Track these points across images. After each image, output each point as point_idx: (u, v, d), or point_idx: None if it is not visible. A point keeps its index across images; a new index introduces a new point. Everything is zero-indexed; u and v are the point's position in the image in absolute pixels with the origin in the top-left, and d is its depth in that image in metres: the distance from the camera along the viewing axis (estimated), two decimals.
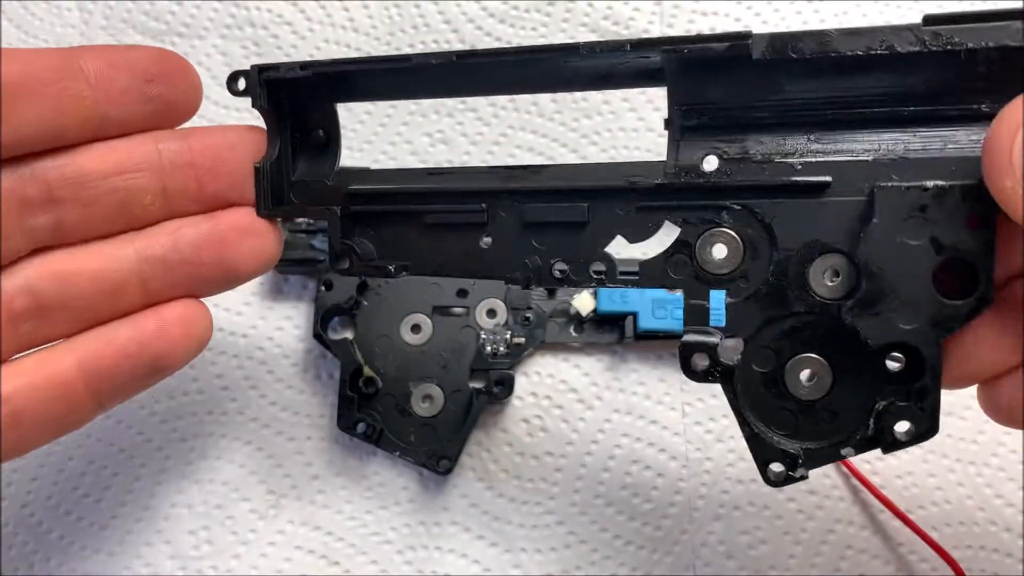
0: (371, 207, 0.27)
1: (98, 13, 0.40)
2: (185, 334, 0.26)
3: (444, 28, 0.39)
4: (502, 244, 0.26)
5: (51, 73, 0.24)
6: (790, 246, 0.23)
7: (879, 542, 0.32)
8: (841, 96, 0.22)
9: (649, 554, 0.32)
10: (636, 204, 0.24)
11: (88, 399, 0.25)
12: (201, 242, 0.26)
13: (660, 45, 0.23)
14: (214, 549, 0.32)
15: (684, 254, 0.24)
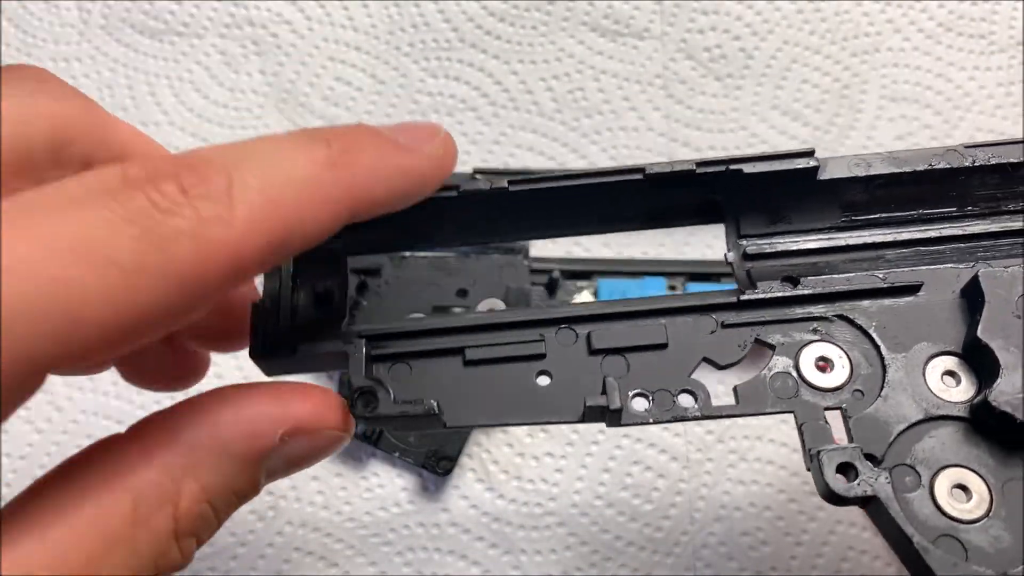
0: (395, 348, 0.22)
1: (97, 12, 0.39)
2: None
3: (444, 27, 0.39)
4: (564, 377, 0.21)
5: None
6: (897, 351, 0.21)
7: (880, 543, 0.32)
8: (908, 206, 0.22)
9: (650, 555, 0.32)
10: (721, 320, 0.21)
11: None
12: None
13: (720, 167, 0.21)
14: (213, 550, 0.32)
15: (786, 373, 0.21)
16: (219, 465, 0.18)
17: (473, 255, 0.35)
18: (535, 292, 0.34)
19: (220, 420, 0.19)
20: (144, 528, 0.17)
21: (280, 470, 0.20)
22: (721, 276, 0.34)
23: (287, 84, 0.38)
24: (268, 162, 0.16)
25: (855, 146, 0.37)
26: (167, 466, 0.18)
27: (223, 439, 0.18)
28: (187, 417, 0.19)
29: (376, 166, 0.18)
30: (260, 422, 0.19)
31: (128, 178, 0.15)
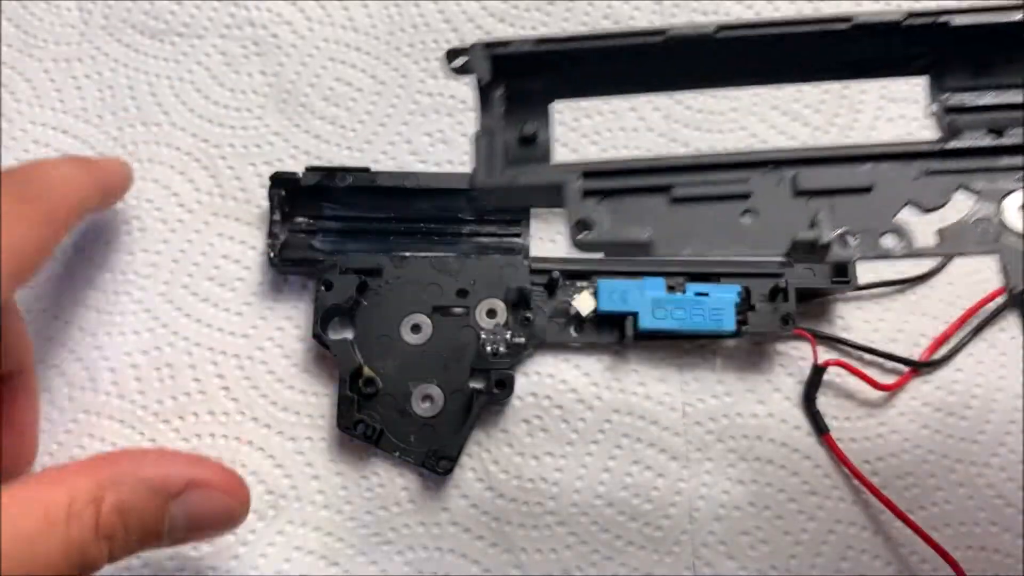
0: (606, 184, 0.23)
1: (98, 13, 0.40)
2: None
3: (444, 27, 0.39)
4: (769, 216, 0.22)
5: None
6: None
7: (880, 542, 0.32)
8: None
9: (649, 554, 0.32)
10: (926, 168, 0.22)
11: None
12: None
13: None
14: (214, 549, 0.32)
15: (990, 218, 0.21)
16: (135, 489, 0.24)
17: (473, 255, 0.35)
18: (535, 292, 0.34)
19: (144, 460, 0.25)
20: (75, 520, 0.23)
21: (180, 522, 0.25)
22: (721, 276, 0.34)
23: (288, 84, 0.38)
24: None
25: None
26: (97, 479, 0.24)
27: (143, 473, 0.25)
28: (119, 454, 0.26)
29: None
30: (174, 469, 0.25)
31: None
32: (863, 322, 0.35)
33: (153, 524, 0.25)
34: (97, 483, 0.23)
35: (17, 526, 0.22)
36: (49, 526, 0.22)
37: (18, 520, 0.22)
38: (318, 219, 0.35)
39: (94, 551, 0.23)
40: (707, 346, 0.35)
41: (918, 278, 0.35)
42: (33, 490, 0.23)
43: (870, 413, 0.34)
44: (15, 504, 0.22)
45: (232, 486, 0.27)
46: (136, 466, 0.25)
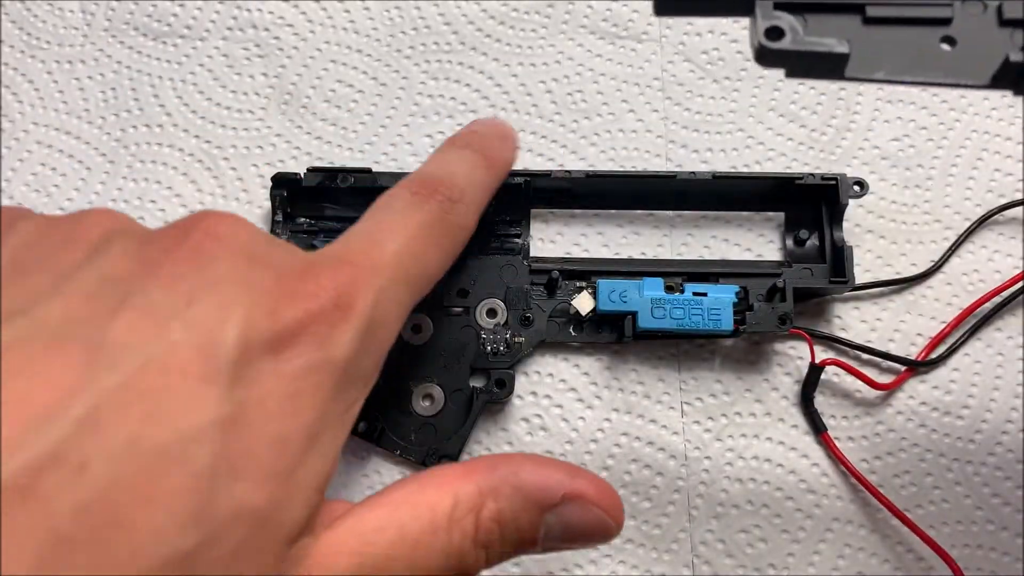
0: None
1: (100, 14, 0.40)
2: None
3: (444, 30, 0.40)
4: (968, 43, 0.21)
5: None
6: None
7: (877, 540, 0.33)
8: None
9: (648, 552, 0.32)
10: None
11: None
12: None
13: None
14: None
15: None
16: (513, 498, 0.24)
17: (473, 255, 0.35)
18: (535, 292, 0.34)
19: (523, 469, 0.24)
20: (457, 525, 0.22)
21: (555, 532, 0.25)
22: (719, 276, 0.34)
23: (289, 86, 0.39)
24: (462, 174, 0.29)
25: (851, 147, 0.38)
26: (479, 485, 0.23)
27: (521, 481, 0.24)
28: (499, 460, 0.25)
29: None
30: (551, 479, 0.24)
31: (418, 195, 0.27)
32: (860, 322, 0.35)
33: (529, 534, 0.24)
34: (479, 490, 0.23)
35: (405, 528, 0.22)
36: (433, 531, 0.22)
37: (406, 522, 0.22)
38: (320, 220, 0.35)
39: (471, 559, 0.23)
40: (705, 346, 0.35)
41: (915, 278, 0.36)
42: (421, 493, 0.23)
43: (868, 412, 0.34)
44: (406, 506, 0.22)
45: (607, 501, 0.26)
46: (515, 474, 0.24)
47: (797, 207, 0.36)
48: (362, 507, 0.23)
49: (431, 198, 0.27)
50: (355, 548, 0.21)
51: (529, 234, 0.36)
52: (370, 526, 0.22)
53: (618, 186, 0.36)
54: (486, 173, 0.30)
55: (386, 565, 0.21)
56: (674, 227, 0.37)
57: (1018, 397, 0.34)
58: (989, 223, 0.36)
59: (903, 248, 0.36)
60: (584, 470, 0.26)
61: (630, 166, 0.37)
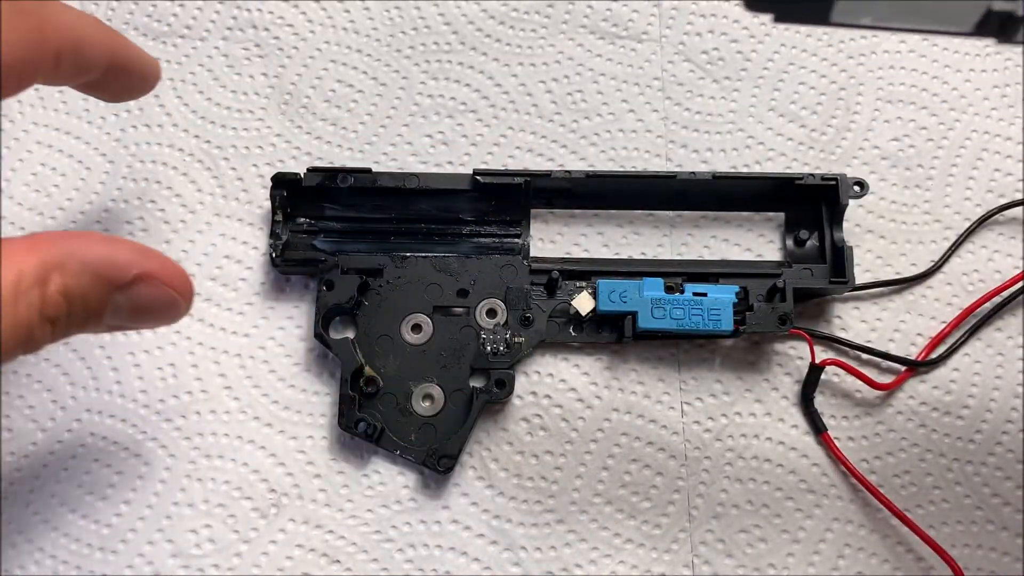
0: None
1: (100, 14, 0.40)
2: None
3: (444, 30, 0.40)
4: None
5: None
6: None
7: (877, 541, 0.33)
8: None
9: (648, 552, 0.32)
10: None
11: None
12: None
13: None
14: (216, 547, 0.32)
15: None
16: (80, 273, 0.23)
17: (473, 255, 0.35)
18: (535, 292, 0.34)
19: (93, 245, 0.24)
20: (23, 298, 0.22)
21: (123, 310, 0.25)
22: (719, 276, 0.34)
23: (289, 86, 0.39)
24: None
25: (851, 147, 0.38)
26: (43, 259, 0.23)
27: (91, 257, 0.24)
28: (70, 236, 0.25)
29: None
30: (122, 257, 0.25)
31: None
32: (860, 322, 0.35)
33: (96, 311, 0.24)
34: (44, 263, 0.23)
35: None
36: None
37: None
38: (320, 219, 0.35)
39: (38, 332, 0.23)
40: (705, 346, 0.35)
41: (915, 278, 0.36)
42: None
43: (867, 412, 0.34)
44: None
45: (178, 280, 0.26)
46: (84, 249, 0.24)
47: (797, 207, 0.36)
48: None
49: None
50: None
51: (529, 234, 0.36)
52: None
53: (618, 186, 0.36)
54: (94, 20, 0.28)
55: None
56: (674, 227, 0.37)
57: (1018, 397, 0.34)
58: (989, 223, 0.36)
59: (903, 248, 0.36)
60: (154, 251, 0.26)
61: (630, 166, 0.37)
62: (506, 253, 0.35)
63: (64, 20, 0.26)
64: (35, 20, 0.25)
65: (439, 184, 0.35)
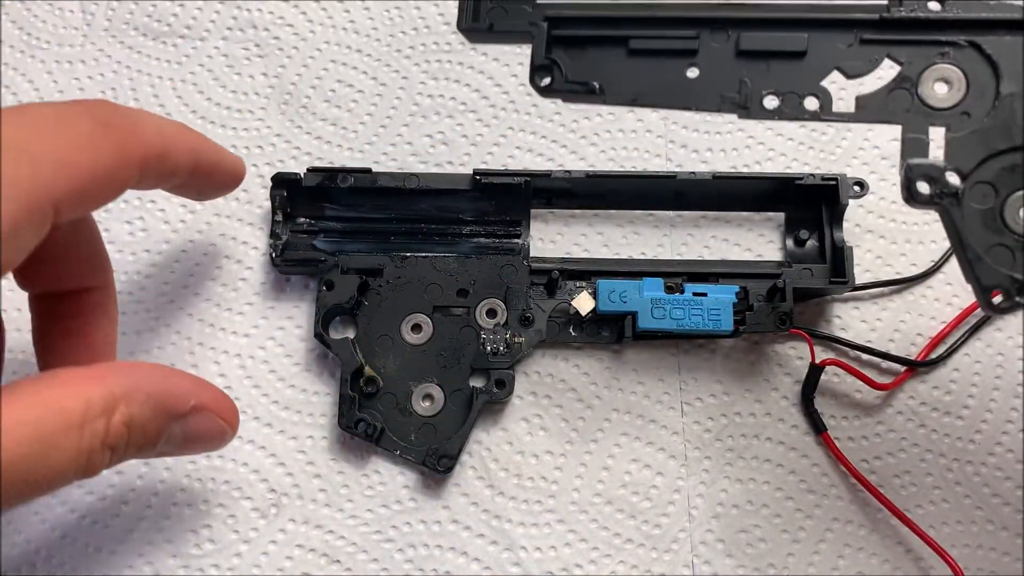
0: (572, 31, 0.26)
1: (100, 14, 0.40)
2: None
3: (444, 30, 0.40)
4: (711, 73, 0.25)
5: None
6: (1015, 86, 0.23)
7: (877, 541, 0.33)
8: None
9: (648, 552, 0.32)
10: (860, 36, 0.25)
11: None
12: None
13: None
14: (216, 547, 0.32)
15: (905, 89, 0.24)
16: (143, 404, 0.25)
17: (473, 255, 0.35)
18: (535, 292, 0.34)
19: (154, 377, 0.26)
20: (89, 427, 0.23)
21: (176, 440, 0.27)
22: (719, 277, 0.34)
23: (289, 86, 0.39)
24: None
25: (851, 147, 0.38)
26: (111, 389, 0.24)
27: (153, 390, 0.25)
28: (135, 368, 0.26)
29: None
30: (180, 390, 0.26)
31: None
32: (860, 322, 0.35)
33: (153, 440, 0.26)
34: (111, 394, 0.24)
35: (40, 427, 0.22)
36: (66, 431, 0.23)
37: (41, 421, 0.23)
38: (319, 219, 0.35)
39: (98, 459, 0.24)
40: (705, 346, 0.35)
41: (915, 278, 0.36)
42: (52, 392, 0.23)
43: (867, 412, 0.34)
44: (38, 405, 0.23)
45: (228, 411, 0.28)
46: (147, 381, 0.25)
47: (797, 207, 0.36)
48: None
49: (87, 102, 0.26)
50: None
51: (529, 234, 0.36)
52: (8, 421, 0.22)
53: (618, 186, 0.36)
54: (180, 127, 0.29)
55: (21, 463, 0.22)
56: (674, 227, 0.37)
57: (1018, 397, 0.34)
58: None
59: (903, 248, 0.36)
60: (208, 383, 0.28)
61: (630, 166, 0.37)
62: (506, 253, 0.35)
63: (149, 130, 0.27)
64: (120, 135, 0.26)
65: (439, 184, 0.35)
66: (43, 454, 0.22)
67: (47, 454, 0.22)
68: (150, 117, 0.28)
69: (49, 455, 0.23)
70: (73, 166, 0.24)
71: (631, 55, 0.26)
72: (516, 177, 0.35)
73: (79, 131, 0.25)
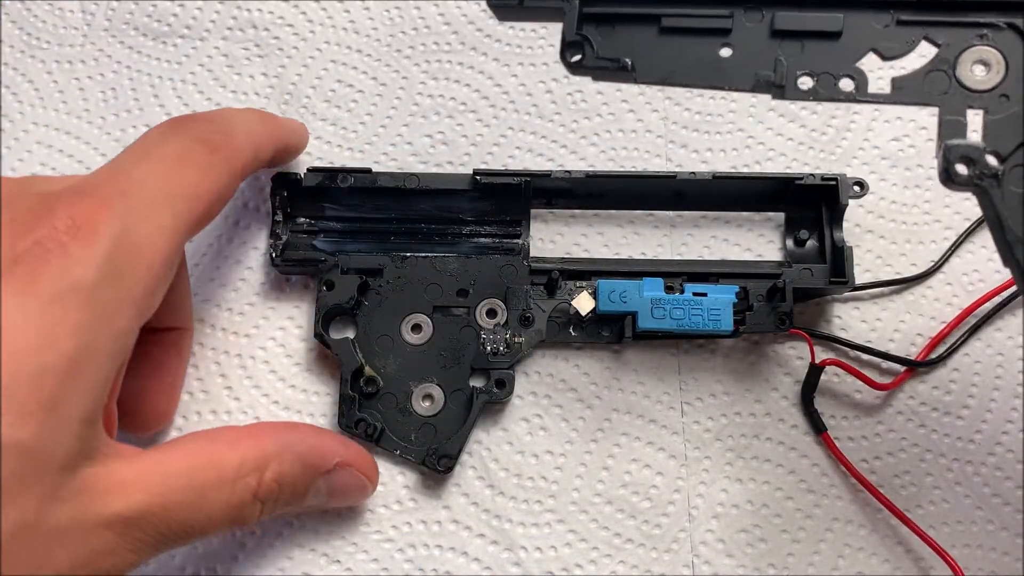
0: (603, 8, 0.26)
1: (100, 14, 0.40)
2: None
3: (444, 30, 0.40)
4: (744, 53, 0.25)
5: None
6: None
7: (877, 541, 0.33)
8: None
9: (648, 552, 0.32)
10: (896, 17, 0.24)
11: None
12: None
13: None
14: (217, 548, 0.32)
15: (942, 71, 0.24)
16: (293, 463, 0.27)
17: (473, 255, 0.35)
18: (535, 292, 0.34)
19: (304, 437, 0.28)
20: (242, 481, 0.25)
21: (321, 494, 0.29)
22: (719, 277, 0.34)
23: (289, 86, 0.39)
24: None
25: (851, 147, 0.38)
26: (264, 449, 0.26)
27: (302, 448, 0.27)
28: (283, 427, 0.29)
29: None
30: (327, 448, 0.29)
31: (174, 125, 0.28)
32: (860, 322, 0.35)
33: (301, 495, 0.28)
34: (264, 452, 0.26)
35: (194, 477, 0.24)
36: (219, 483, 0.25)
37: (196, 472, 0.25)
38: (320, 219, 0.35)
39: (249, 512, 0.26)
40: (705, 346, 0.35)
41: (915, 278, 0.36)
42: (211, 446, 0.26)
43: (867, 412, 0.34)
44: (196, 456, 0.25)
45: (369, 467, 0.31)
46: (297, 441, 0.28)
47: (797, 207, 0.36)
48: (156, 452, 0.25)
49: (188, 125, 0.28)
50: (149, 487, 0.23)
51: (529, 234, 0.36)
52: (165, 469, 0.24)
53: (618, 186, 0.36)
54: (260, 120, 0.31)
55: (175, 508, 0.24)
56: (674, 227, 0.37)
57: (1018, 397, 0.34)
58: None
59: (903, 248, 0.36)
60: (352, 442, 0.30)
61: (630, 166, 0.37)
62: (506, 253, 0.35)
63: (243, 136, 0.29)
64: (226, 154, 0.28)
65: (439, 184, 0.35)
66: (197, 503, 0.24)
67: (201, 503, 0.24)
68: (237, 119, 0.29)
69: (203, 504, 0.25)
70: (199, 199, 0.27)
71: (663, 33, 0.25)
72: (516, 177, 0.35)
73: (198, 163, 0.27)
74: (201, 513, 0.24)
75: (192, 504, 0.24)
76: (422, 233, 0.36)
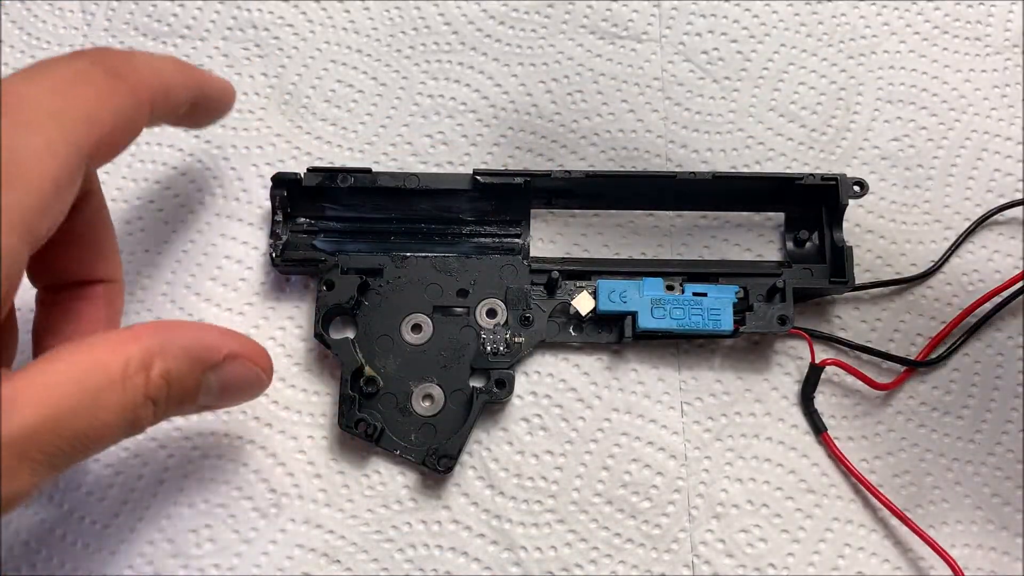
0: None
1: (100, 14, 0.40)
2: None
3: (444, 30, 0.40)
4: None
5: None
6: None
7: (877, 541, 0.33)
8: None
9: (648, 552, 0.32)
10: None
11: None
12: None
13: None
14: (216, 547, 0.32)
15: None
16: (178, 357, 0.26)
17: (473, 255, 0.35)
18: (535, 292, 0.34)
19: (186, 332, 0.27)
20: (130, 382, 0.24)
21: (213, 391, 0.27)
22: (719, 276, 0.34)
23: (289, 86, 0.39)
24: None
25: (851, 148, 0.38)
26: (147, 346, 0.25)
27: (186, 343, 0.26)
28: (165, 326, 0.27)
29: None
30: (213, 340, 0.27)
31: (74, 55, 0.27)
32: (860, 322, 0.35)
33: (192, 391, 0.27)
34: (147, 350, 0.25)
35: (84, 382, 0.23)
36: (110, 384, 0.24)
37: (85, 376, 0.23)
38: (320, 219, 0.35)
39: (143, 413, 0.25)
40: (705, 346, 0.35)
41: (915, 278, 0.36)
42: (93, 351, 0.24)
43: (868, 412, 0.34)
44: (81, 362, 0.24)
45: (261, 358, 0.29)
46: (180, 335, 0.26)
47: (797, 207, 0.36)
48: (36, 366, 0.24)
49: (88, 52, 0.28)
50: (38, 400, 0.23)
51: (529, 234, 0.36)
52: (51, 380, 0.23)
53: (618, 186, 0.36)
54: (173, 61, 0.30)
55: (68, 418, 0.23)
56: (674, 227, 0.37)
57: (1018, 397, 0.34)
58: (989, 223, 0.37)
59: (903, 248, 0.36)
60: (238, 333, 0.29)
61: (630, 166, 0.37)
62: (506, 253, 0.35)
63: (150, 71, 0.28)
64: (130, 81, 0.27)
65: (439, 184, 0.35)
66: (90, 408, 0.23)
67: (94, 408, 0.23)
68: (145, 57, 0.29)
69: (96, 410, 0.23)
70: (98, 122, 0.26)
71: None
72: (516, 177, 0.35)
73: (96, 84, 0.26)
74: (97, 420, 0.24)
75: (86, 411, 0.23)
76: (422, 233, 0.36)
